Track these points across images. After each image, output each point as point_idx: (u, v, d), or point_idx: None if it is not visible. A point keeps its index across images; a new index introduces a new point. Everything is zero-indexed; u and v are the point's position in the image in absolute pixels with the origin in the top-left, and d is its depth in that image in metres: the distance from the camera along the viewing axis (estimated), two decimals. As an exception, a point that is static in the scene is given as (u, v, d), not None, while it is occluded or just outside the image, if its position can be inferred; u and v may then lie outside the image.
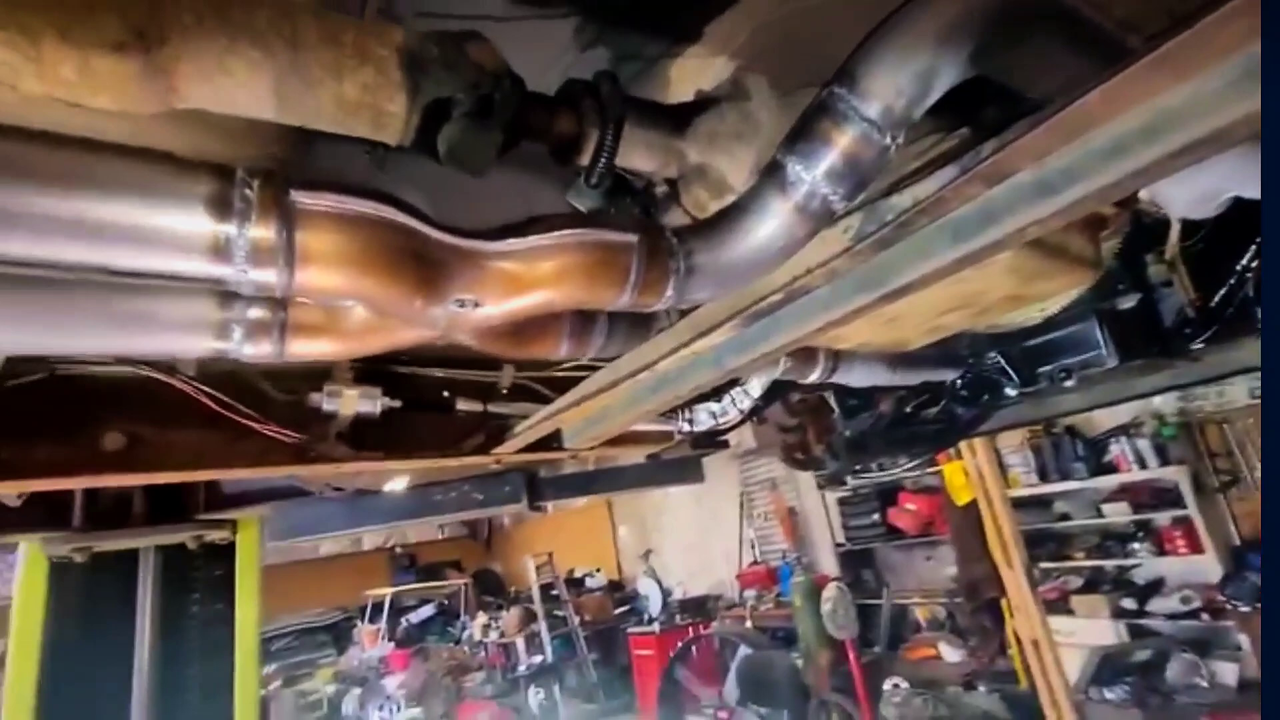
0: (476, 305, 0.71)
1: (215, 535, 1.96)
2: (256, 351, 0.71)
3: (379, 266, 0.60)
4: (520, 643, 7.58)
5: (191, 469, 1.33)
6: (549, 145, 0.91)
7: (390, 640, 8.32)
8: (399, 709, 6.87)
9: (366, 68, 0.69)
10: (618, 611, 8.20)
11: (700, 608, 7.53)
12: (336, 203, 0.57)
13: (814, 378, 1.65)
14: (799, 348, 1.34)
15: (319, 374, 1.50)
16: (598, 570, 9.03)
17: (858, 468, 2.19)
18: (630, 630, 7.33)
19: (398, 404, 1.58)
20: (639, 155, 0.98)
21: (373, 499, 2.06)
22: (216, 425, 1.36)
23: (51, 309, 0.63)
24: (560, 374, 1.83)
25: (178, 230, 0.51)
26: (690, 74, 1.10)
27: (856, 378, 1.75)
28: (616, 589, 8.90)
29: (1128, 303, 1.54)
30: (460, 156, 0.75)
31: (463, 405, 1.75)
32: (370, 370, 1.58)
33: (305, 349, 0.72)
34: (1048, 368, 1.67)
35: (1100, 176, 0.72)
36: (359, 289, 0.60)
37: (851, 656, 4.94)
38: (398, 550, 10.23)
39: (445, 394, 1.77)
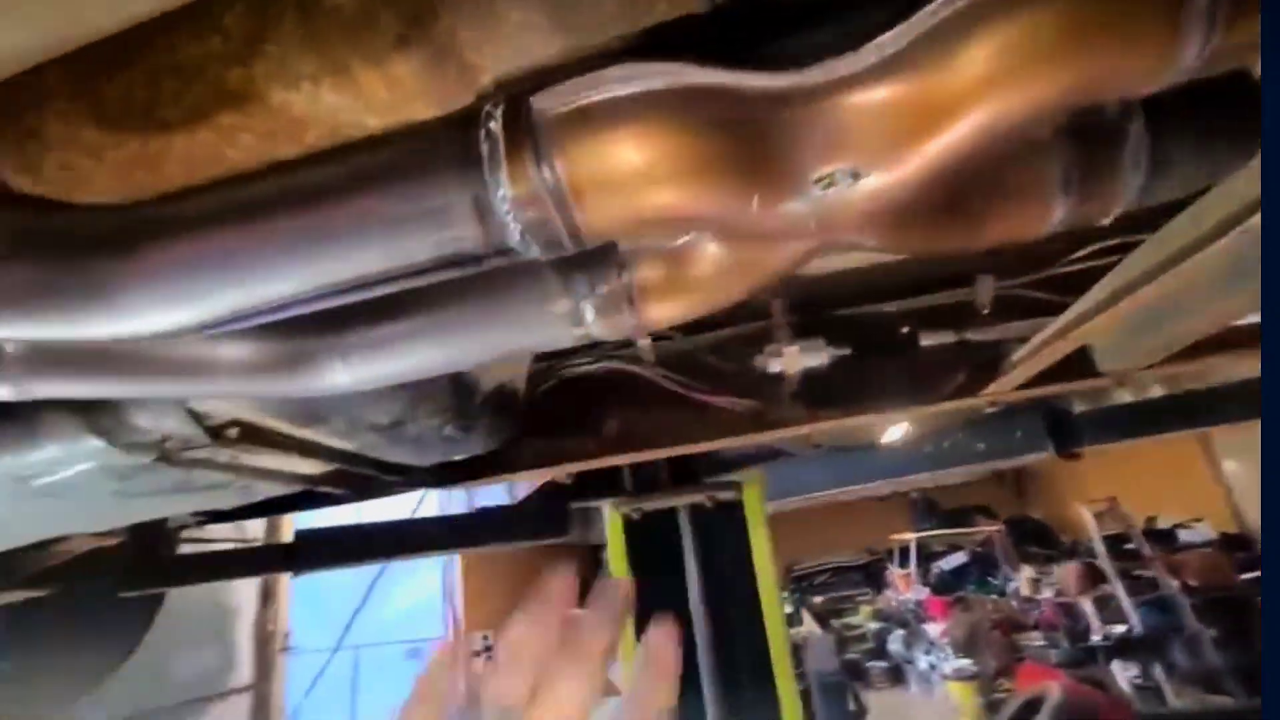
0: (855, 177, 0.42)
1: (724, 495, 2.18)
2: (615, 329, 0.60)
3: (674, 173, 0.39)
4: (1088, 605, 6.27)
5: (669, 446, 1.43)
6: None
7: (925, 585, 8.17)
8: (947, 656, 6.64)
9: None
10: (1244, 577, 5.89)
11: None
12: (581, 92, 0.39)
13: None
14: None
15: (760, 337, 1.43)
16: (1197, 520, 6.71)
17: None
18: None
19: (846, 351, 1.37)
20: None
21: (852, 457, 1.89)
22: (684, 405, 1.44)
23: (447, 326, 0.66)
24: (1069, 268, 1.27)
25: (434, 204, 0.42)
26: None
27: None
28: (1235, 545, 6.44)
29: None
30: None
31: (928, 340, 1.39)
32: (809, 322, 1.41)
33: (663, 313, 0.58)
34: None
35: None
36: (660, 215, 0.40)
37: None
38: (913, 495, 9.99)
39: (904, 330, 1.45)
